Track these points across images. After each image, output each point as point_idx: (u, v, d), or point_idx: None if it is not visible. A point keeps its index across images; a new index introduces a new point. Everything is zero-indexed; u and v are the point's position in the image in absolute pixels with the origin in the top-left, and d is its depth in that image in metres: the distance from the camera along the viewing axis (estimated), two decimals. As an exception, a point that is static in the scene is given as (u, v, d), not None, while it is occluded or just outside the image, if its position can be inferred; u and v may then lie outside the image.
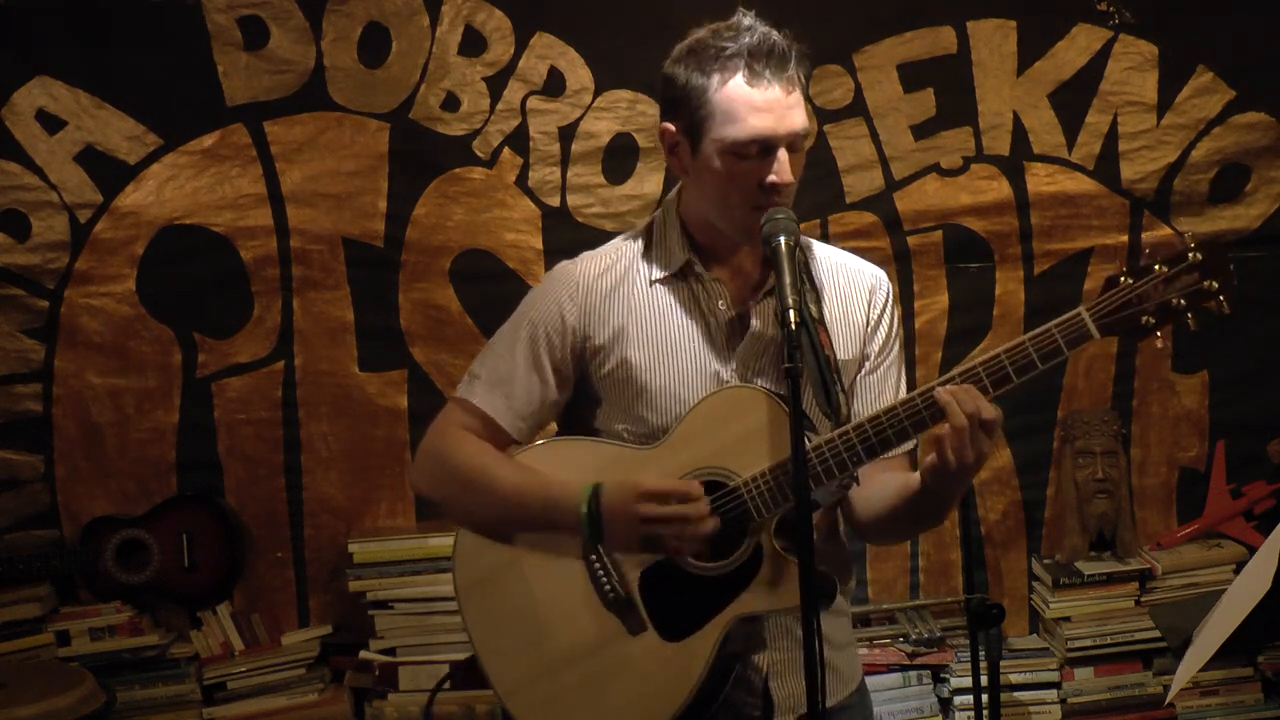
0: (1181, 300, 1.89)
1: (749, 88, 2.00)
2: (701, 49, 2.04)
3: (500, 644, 2.14)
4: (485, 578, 2.15)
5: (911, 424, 1.96)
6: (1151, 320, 1.90)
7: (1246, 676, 3.75)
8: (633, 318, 2.13)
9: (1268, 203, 3.88)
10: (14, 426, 3.69)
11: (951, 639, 3.79)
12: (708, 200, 2.09)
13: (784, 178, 2.01)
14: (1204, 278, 1.88)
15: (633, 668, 2.06)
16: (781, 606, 2.02)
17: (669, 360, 2.12)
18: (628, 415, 2.13)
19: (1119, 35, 3.79)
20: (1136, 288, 1.89)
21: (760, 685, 2.13)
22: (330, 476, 3.78)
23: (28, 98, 3.61)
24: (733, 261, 2.14)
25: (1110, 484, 3.83)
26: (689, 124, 2.05)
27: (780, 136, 2.01)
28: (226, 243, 3.71)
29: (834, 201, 3.79)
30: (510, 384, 2.15)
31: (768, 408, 2.02)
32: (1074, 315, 1.92)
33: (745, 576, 2.02)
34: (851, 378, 2.16)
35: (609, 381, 2.14)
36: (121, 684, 3.58)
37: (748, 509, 2.01)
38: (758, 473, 2.01)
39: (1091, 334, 1.90)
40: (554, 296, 2.16)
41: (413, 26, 3.68)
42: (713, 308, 2.13)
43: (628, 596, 2.07)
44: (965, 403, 1.90)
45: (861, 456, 1.97)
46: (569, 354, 2.15)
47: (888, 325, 2.19)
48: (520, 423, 2.16)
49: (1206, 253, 1.88)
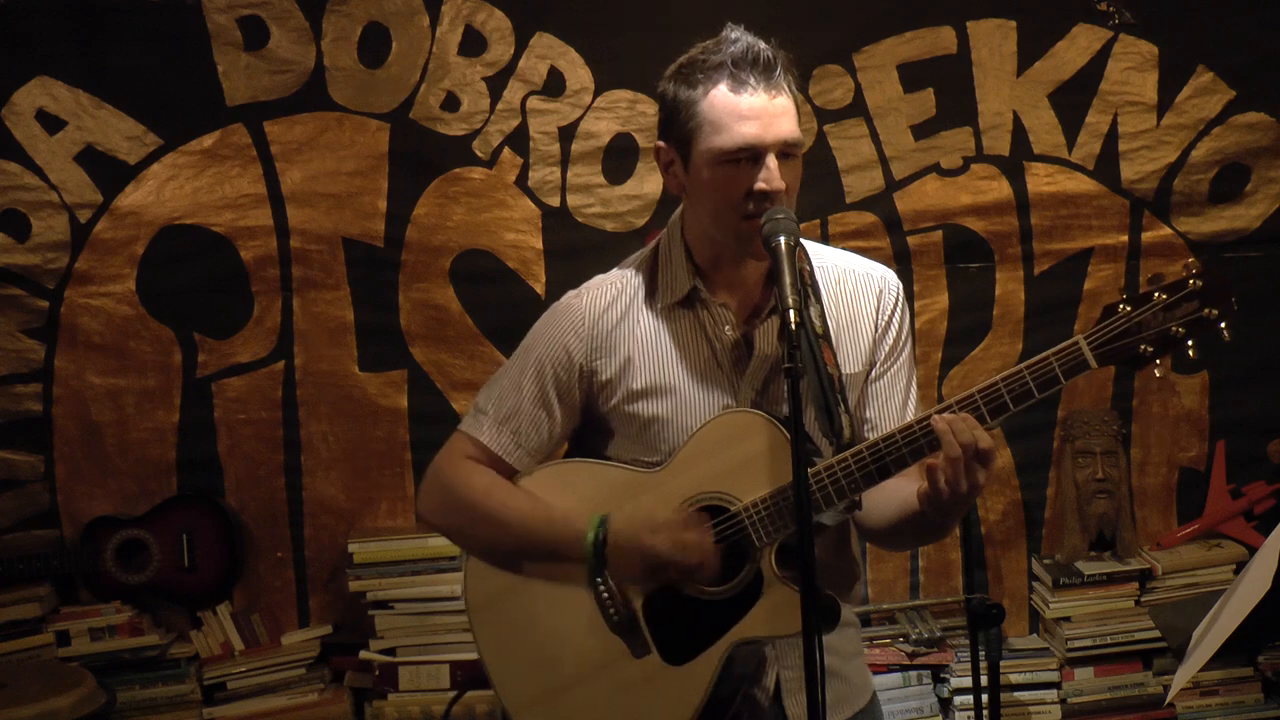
0: (1180, 329, 1.86)
1: (733, 95, 2.00)
2: (689, 65, 2.05)
3: (510, 662, 2.17)
4: (496, 596, 2.17)
5: (910, 452, 1.95)
6: (1150, 349, 1.87)
7: (1246, 676, 3.76)
8: (639, 349, 2.13)
9: (1268, 203, 3.88)
10: (14, 426, 3.69)
11: (951, 639, 3.79)
12: (704, 213, 2.08)
13: (773, 184, 2.00)
14: (1204, 305, 1.85)
15: (636, 689, 2.08)
16: (781, 632, 2.02)
17: (677, 389, 2.12)
18: (639, 445, 2.14)
19: (1119, 35, 3.79)
20: (1135, 315, 1.86)
21: (769, 703, 2.13)
22: (330, 476, 3.78)
23: (28, 98, 3.62)
24: (737, 282, 2.13)
25: (1110, 484, 3.83)
26: (679, 138, 2.05)
27: (768, 143, 1.99)
28: (226, 243, 3.71)
29: (834, 201, 3.80)
30: (517, 419, 2.16)
31: (768, 432, 2.02)
32: (1071, 344, 1.89)
33: (747, 601, 2.03)
34: (860, 385, 2.15)
35: (618, 414, 2.14)
36: (121, 684, 3.58)
37: (748, 534, 2.02)
38: (758, 498, 2.01)
39: (1089, 363, 1.88)
40: (560, 332, 2.16)
41: (413, 26, 3.68)
42: (718, 333, 2.12)
43: (632, 620, 2.08)
44: (961, 433, 1.89)
45: (860, 484, 1.97)
46: (576, 389, 2.15)
47: (897, 328, 2.17)
48: (527, 458, 2.17)
49: (1207, 280, 1.85)
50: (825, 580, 1.99)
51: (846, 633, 2.21)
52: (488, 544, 2.18)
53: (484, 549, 2.19)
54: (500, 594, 2.17)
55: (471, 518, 2.16)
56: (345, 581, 3.67)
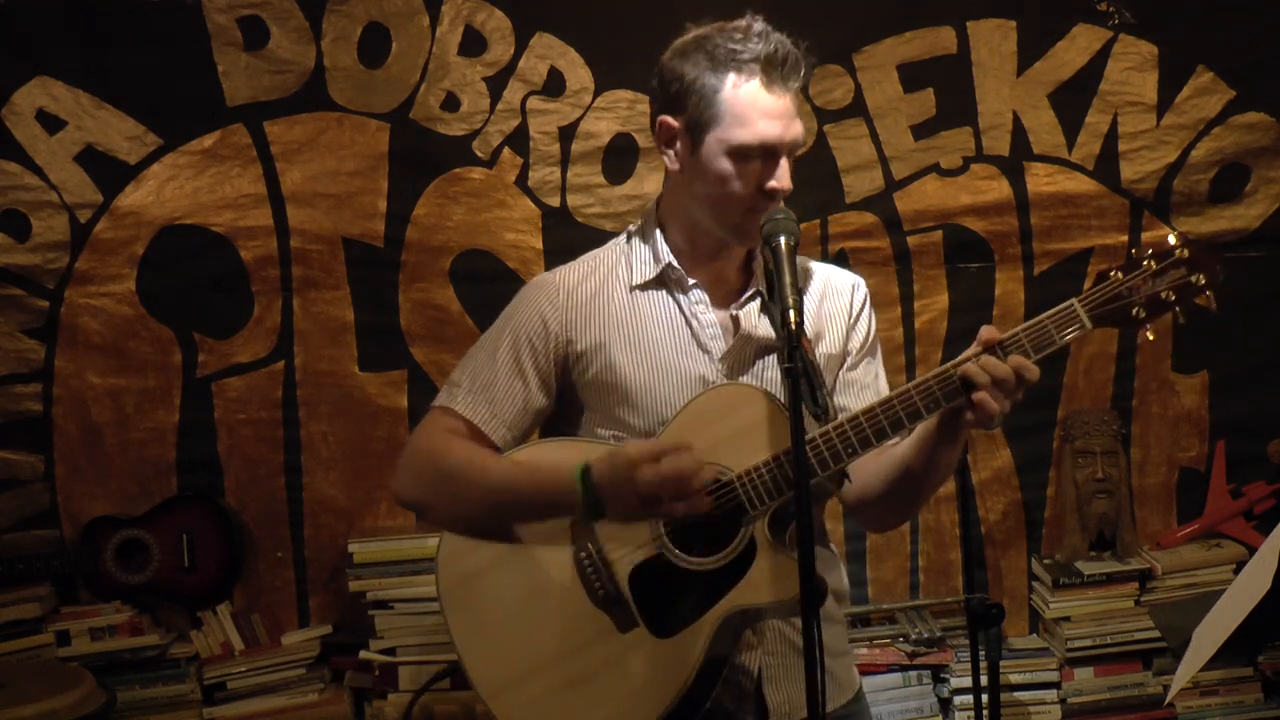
0: (1170, 294, 1.98)
1: (765, 93, 2.04)
2: (713, 48, 2.06)
3: (484, 645, 2.13)
4: (469, 578, 2.14)
5: (907, 414, 2.00)
6: (1142, 312, 1.99)
7: (1246, 676, 3.76)
8: (614, 323, 2.15)
9: (1268, 203, 3.88)
10: (14, 426, 3.69)
11: (951, 639, 3.79)
12: (701, 198, 2.10)
13: (784, 184, 2.06)
14: (1190, 272, 1.98)
15: (621, 666, 2.06)
16: (776, 599, 2.02)
17: (651, 364, 2.13)
18: (610, 420, 2.14)
19: (1119, 35, 3.79)
20: (1126, 280, 1.99)
21: (752, 690, 2.13)
22: (330, 476, 3.78)
23: (28, 98, 3.62)
24: (712, 267, 2.17)
25: (1110, 484, 3.84)
26: (694, 120, 2.07)
27: (785, 144, 2.06)
28: (226, 243, 3.71)
29: (834, 201, 3.80)
30: (492, 389, 2.15)
31: (765, 405, 2.03)
32: (1066, 306, 2.00)
33: (738, 570, 2.03)
34: (835, 373, 2.21)
35: (592, 387, 2.15)
36: (121, 684, 3.58)
37: (742, 502, 2.02)
38: (754, 465, 2.02)
39: (1085, 324, 1.98)
40: (535, 303, 2.17)
41: (413, 26, 3.68)
42: (694, 312, 2.15)
43: (618, 593, 2.06)
44: (996, 368, 1.96)
45: (857, 448, 2.00)
46: (552, 359, 2.16)
47: (865, 322, 2.25)
48: (504, 429, 2.15)
49: (1194, 249, 1.99)
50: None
51: (835, 629, 2.23)
52: (469, 510, 2.12)
53: (464, 515, 2.13)
54: (474, 575, 2.13)
55: (453, 482, 2.11)
56: (345, 581, 3.67)
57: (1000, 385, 1.95)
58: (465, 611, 2.14)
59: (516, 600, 2.11)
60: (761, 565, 2.01)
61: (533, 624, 2.10)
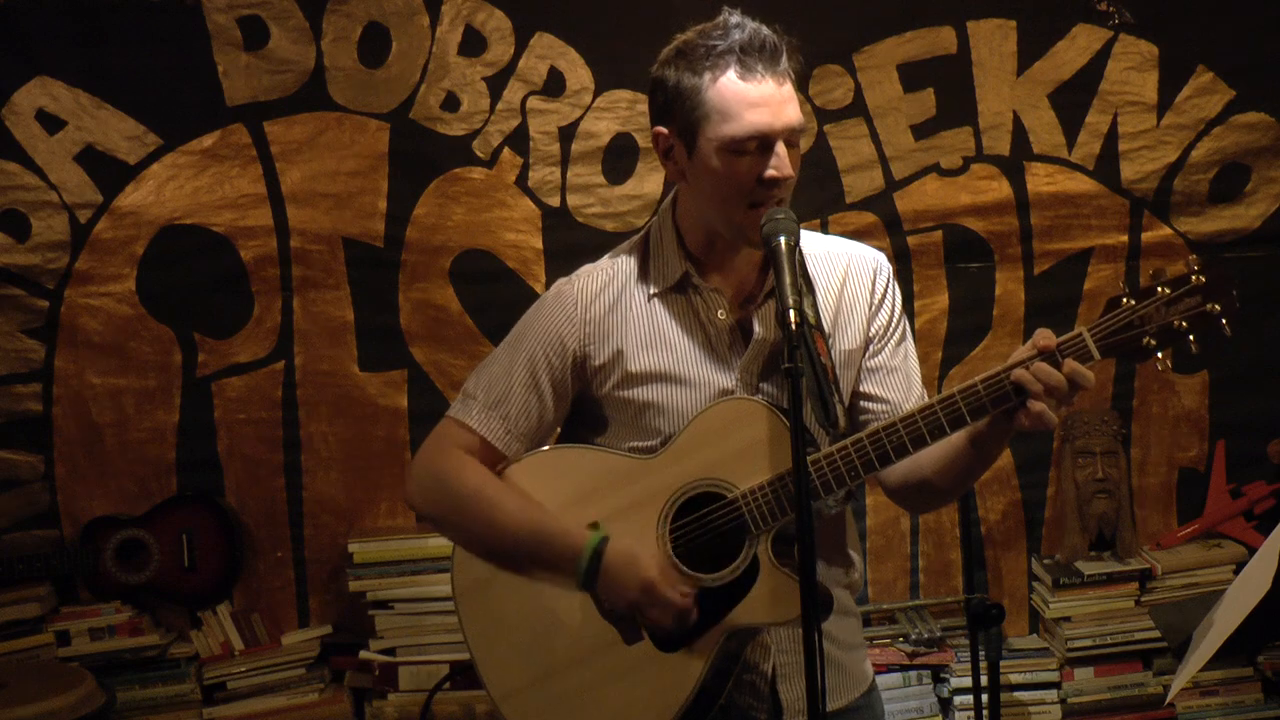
0: (1183, 323, 1.88)
1: (743, 83, 1.99)
2: (690, 50, 2.03)
3: (496, 649, 2.15)
4: (484, 581, 2.16)
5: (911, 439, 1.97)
6: (1153, 343, 1.89)
7: (1246, 676, 3.76)
8: (632, 334, 2.13)
9: (1268, 203, 3.88)
10: (14, 426, 3.69)
11: (951, 639, 3.79)
12: (706, 201, 2.08)
13: (784, 170, 2.01)
14: (1206, 300, 1.87)
15: (628, 676, 2.08)
16: (777, 620, 2.03)
17: (672, 374, 2.12)
18: (635, 431, 2.13)
19: (1119, 35, 3.79)
20: (1138, 309, 1.89)
21: (766, 689, 2.13)
22: (330, 476, 3.78)
23: (28, 98, 3.61)
24: (730, 269, 2.14)
25: (1110, 484, 3.83)
26: (683, 125, 2.04)
27: (777, 130, 2.00)
28: (226, 243, 3.71)
29: (834, 201, 3.80)
30: (507, 404, 2.15)
31: (768, 420, 2.02)
32: (1075, 336, 1.92)
33: (741, 589, 2.03)
34: (858, 363, 2.16)
35: (612, 400, 2.14)
36: (121, 684, 3.58)
37: (745, 521, 2.02)
38: (756, 485, 2.01)
39: (1092, 355, 1.90)
40: (552, 318, 2.16)
41: (413, 26, 3.68)
42: (712, 317, 2.12)
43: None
44: (1048, 375, 1.90)
45: (860, 471, 1.98)
46: (568, 375, 2.15)
47: (890, 304, 2.19)
48: (516, 444, 2.16)
49: (1210, 275, 1.87)
50: (820, 570, 2.01)
51: (847, 622, 2.22)
52: (476, 541, 2.16)
53: (471, 544, 2.18)
54: (488, 579, 2.16)
55: (461, 515, 2.15)
56: (345, 581, 3.67)
57: (1053, 392, 1.90)
58: (479, 616, 2.17)
59: (527, 608, 2.13)
60: (763, 586, 2.02)
61: (543, 632, 2.12)
